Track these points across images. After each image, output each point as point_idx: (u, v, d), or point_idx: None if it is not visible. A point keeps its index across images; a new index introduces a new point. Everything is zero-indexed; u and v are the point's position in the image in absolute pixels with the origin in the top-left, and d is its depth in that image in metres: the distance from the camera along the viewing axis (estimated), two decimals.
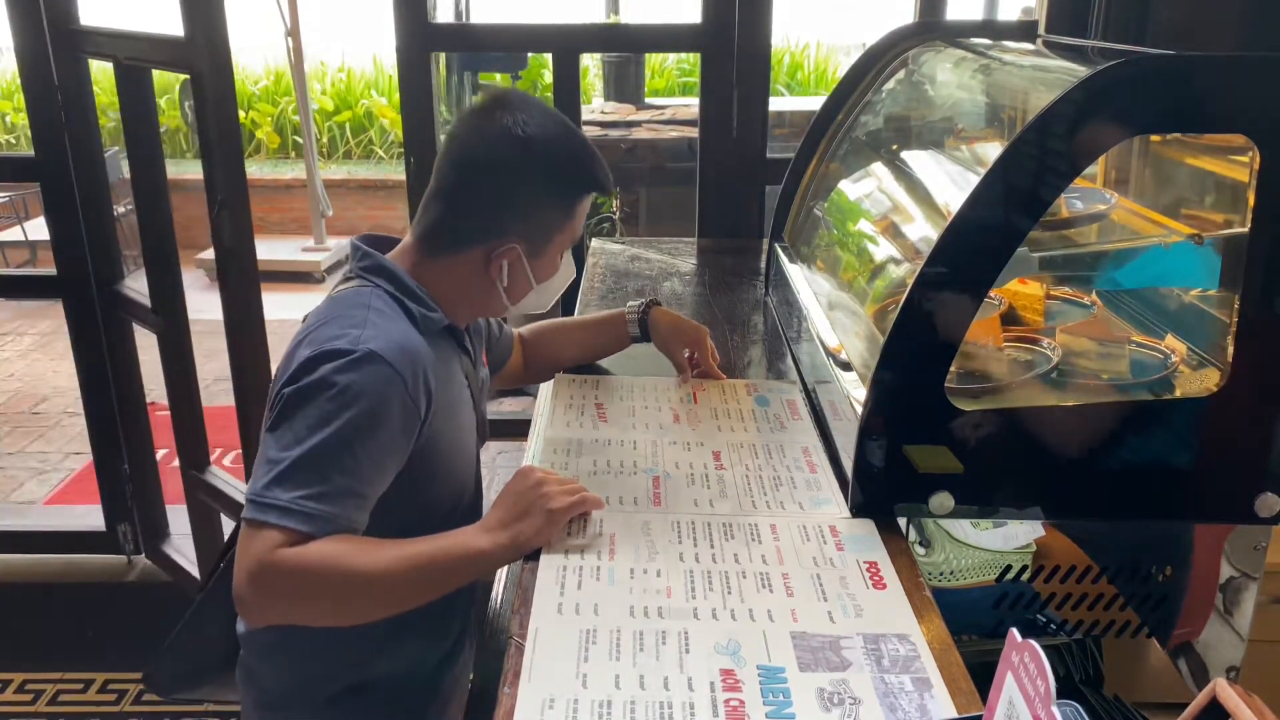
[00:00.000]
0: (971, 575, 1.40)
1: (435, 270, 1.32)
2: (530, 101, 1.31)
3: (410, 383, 1.19)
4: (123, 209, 4.28)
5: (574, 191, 1.32)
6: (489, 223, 1.29)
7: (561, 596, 1.11)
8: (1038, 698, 0.67)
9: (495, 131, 1.27)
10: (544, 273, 1.35)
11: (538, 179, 1.28)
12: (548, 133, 1.28)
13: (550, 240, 1.32)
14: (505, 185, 1.28)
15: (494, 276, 1.31)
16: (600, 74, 5.24)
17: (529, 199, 1.29)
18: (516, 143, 1.26)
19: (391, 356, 1.17)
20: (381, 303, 1.25)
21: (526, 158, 1.27)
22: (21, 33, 2.45)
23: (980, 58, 1.76)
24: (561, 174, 1.29)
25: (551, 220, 1.32)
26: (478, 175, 1.28)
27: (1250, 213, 1.15)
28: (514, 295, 1.35)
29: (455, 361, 1.36)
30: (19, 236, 6.31)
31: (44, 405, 4.75)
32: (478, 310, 1.40)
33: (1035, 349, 1.48)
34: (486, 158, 1.28)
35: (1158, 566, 1.39)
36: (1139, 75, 1.13)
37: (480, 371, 1.47)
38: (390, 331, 1.20)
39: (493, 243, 1.29)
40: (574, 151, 1.30)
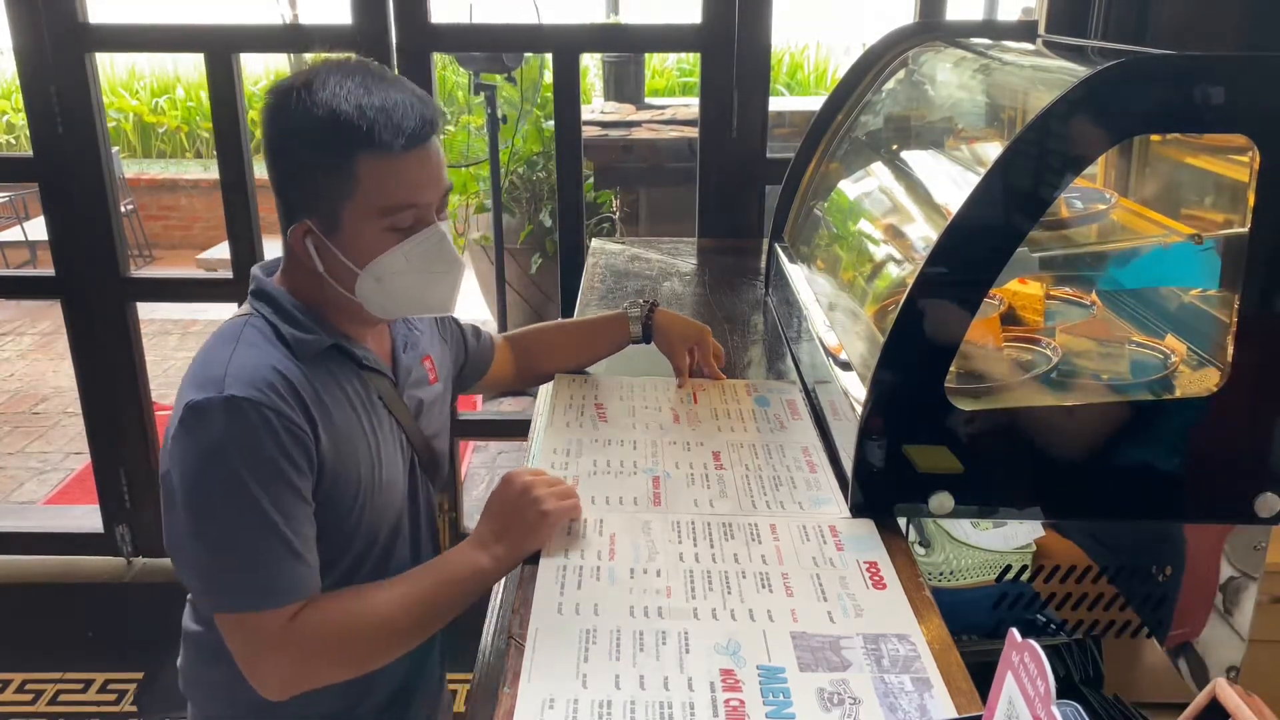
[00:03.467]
0: (971, 575, 1.40)
1: (299, 275, 1.25)
2: (330, 66, 1.19)
3: (284, 411, 1.12)
4: (125, 208, 4.27)
5: (338, 150, 1.15)
6: (283, 204, 1.22)
7: (561, 596, 1.11)
8: (1038, 698, 0.67)
9: (268, 108, 1.19)
10: (359, 251, 1.20)
11: (297, 141, 1.17)
12: (318, 94, 1.14)
13: (339, 212, 1.18)
14: (276, 157, 1.20)
15: (311, 265, 1.21)
16: (600, 74, 5.24)
17: (295, 166, 1.19)
18: (283, 111, 1.17)
19: (254, 393, 1.11)
20: (254, 333, 1.19)
21: (289, 123, 1.16)
22: (20, 31, 2.44)
23: (980, 58, 1.76)
24: (321, 131, 1.14)
25: (326, 188, 1.17)
26: (267, 155, 1.21)
27: (1250, 213, 1.15)
28: (341, 281, 1.22)
29: (353, 384, 1.25)
30: (19, 236, 6.31)
31: (44, 405, 4.75)
32: (349, 311, 1.26)
33: (1035, 349, 1.48)
34: (266, 132, 1.20)
35: (1158, 566, 1.39)
36: (1139, 75, 1.13)
37: (418, 390, 1.37)
38: (253, 364, 1.14)
39: (291, 222, 1.21)
40: (336, 106, 1.14)
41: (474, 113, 5.23)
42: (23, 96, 2.53)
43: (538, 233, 4.81)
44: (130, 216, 6.97)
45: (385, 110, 1.14)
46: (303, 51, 2.80)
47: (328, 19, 2.67)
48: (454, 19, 3.14)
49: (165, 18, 2.54)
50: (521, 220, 4.85)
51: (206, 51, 2.49)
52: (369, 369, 1.28)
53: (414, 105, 1.17)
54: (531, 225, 4.83)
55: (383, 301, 1.24)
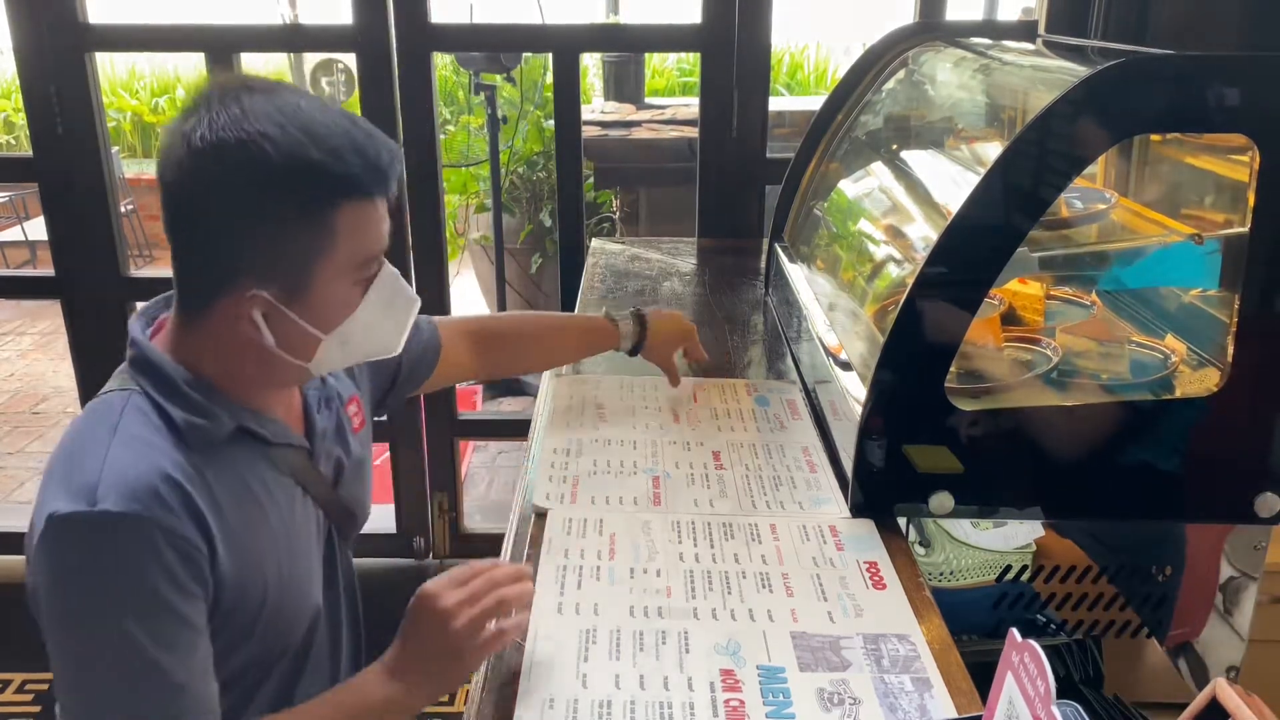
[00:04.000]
0: (971, 575, 1.40)
1: (199, 340, 1.03)
2: (244, 93, 0.96)
3: (171, 527, 0.93)
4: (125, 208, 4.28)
5: (314, 203, 0.96)
6: (215, 269, 0.99)
7: (561, 596, 1.11)
8: (1038, 698, 0.67)
9: (191, 143, 0.94)
10: (327, 314, 1.02)
11: (249, 200, 0.95)
12: (252, 133, 0.93)
13: (311, 273, 0.98)
14: (210, 216, 0.96)
15: (254, 338, 1.00)
16: (600, 74, 5.24)
17: (248, 228, 0.96)
18: (207, 155, 0.93)
19: (134, 506, 0.91)
20: (135, 420, 0.98)
21: (225, 174, 0.94)
22: (20, 31, 2.44)
23: (980, 58, 1.76)
24: (283, 186, 0.94)
25: (298, 248, 0.97)
26: (182, 204, 0.98)
27: (1250, 213, 1.15)
28: (298, 352, 1.03)
29: (258, 469, 1.06)
30: (19, 236, 6.31)
31: (44, 405, 4.75)
32: (276, 380, 1.08)
33: (1035, 349, 1.48)
34: (182, 181, 0.96)
35: (1158, 566, 1.39)
36: (1139, 75, 1.13)
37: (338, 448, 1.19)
38: (134, 466, 0.93)
39: (230, 292, 0.98)
40: (295, 150, 0.94)
41: (474, 113, 5.23)
42: (23, 96, 2.52)
43: (538, 233, 4.81)
44: (130, 216, 6.97)
45: (361, 150, 0.98)
46: (303, 51, 2.80)
47: (328, 19, 2.67)
48: (454, 19, 3.14)
49: (165, 18, 2.54)
50: (521, 220, 4.85)
51: (206, 51, 2.49)
52: (279, 445, 1.09)
53: (377, 139, 1.00)
54: (531, 225, 4.83)
55: (338, 360, 1.08)
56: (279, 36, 2.72)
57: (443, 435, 2.78)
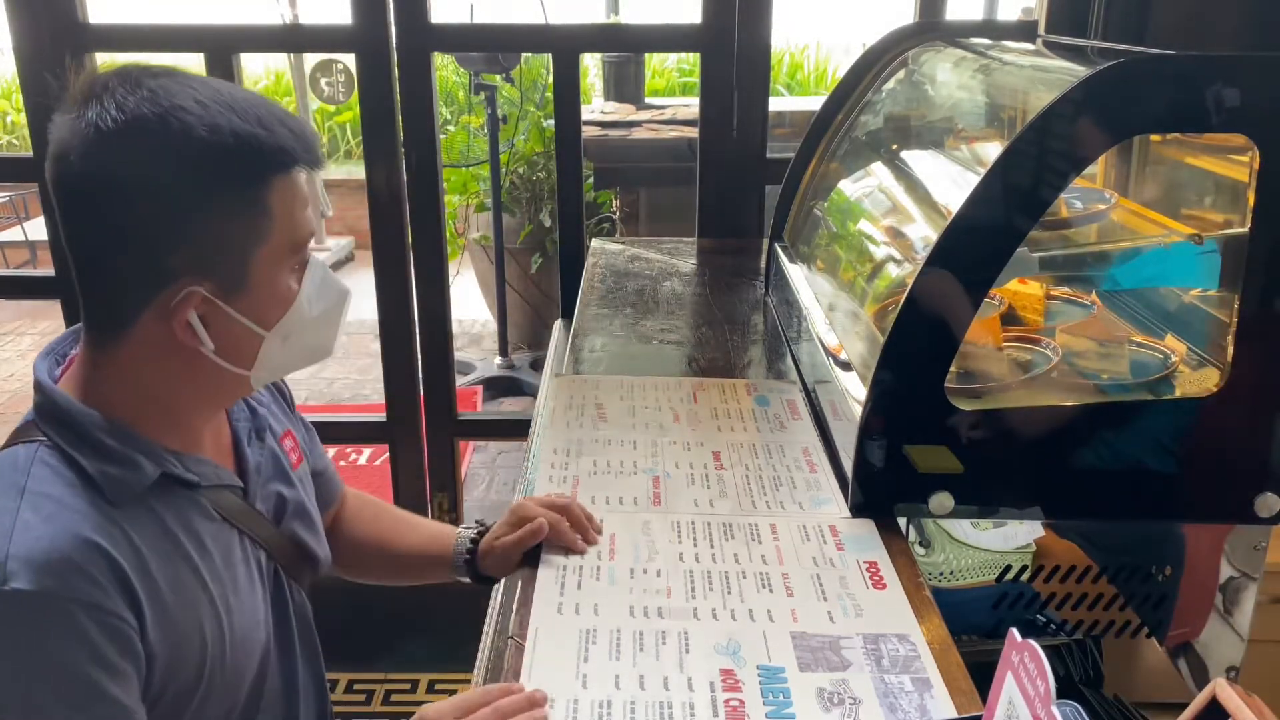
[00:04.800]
0: (971, 575, 1.40)
1: (117, 371, 0.93)
2: (146, 75, 0.88)
3: (95, 601, 0.84)
4: None
5: (246, 180, 0.89)
6: (139, 270, 0.89)
7: (561, 596, 1.11)
8: (1038, 698, 0.67)
9: (88, 133, 0.85)
10: (267, 308, 0.94)
11: (176, 179, 0.86)
12: (168, 107, 0.85)
13: (249, 260, 0.91)
14: (133, 206, 0.87)
15: (189, 342, 0.91)
16: (600, 74, 5.24)
17: (178, 213, 0.87)
18: (119, 138, 0.84)
19: (50, 582, 0.82)
20: (45, 474, 0.88)
21: (144, 154, 0.85)
22: (20, 31, 2.44)
23: (980, 58, 1.76)
24: (212, 160, 0.87)
25: (234, 231, 0.90)
26: (90, 205, 0.87)
27: (1250, 213, 1.15)
28: (239, 357, 0.95)
29: (187, 518, 0.97)
30: (19, 236, 6.31)
31: None
32: (210, 401, 1.00)
33: (1035, 349, 1.48)
34: (90, 174, 0.86)
35: (1158, 566, 1.39)
36: (1139, 75, 1.13)
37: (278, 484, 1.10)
38: (48, 535, 0.84)
39: (159, 295, 0.89)
40: (219, 122, 0.86)
41: (474, 113, 5.23)
42: (23, 96, 2.53)
43: (538, 233, 4.81)
44: None
45: (283, 121, 0.91)
46: (302, 52, 2.80)
47: (328, 19, 2.67)
48: (454, 19, 3.14)
49: (165, 18, 2.54)
50: (521, 220, 4.85)
51: (206, 51, 2.49)
52: (210, 487, 1.00)
53: (290, 114, 0.94)
54: (531, 225, 4.83)
55: (278, 364, 1.00)
56: (279, 37, 2.72)
57: (443, 435, 2.78)
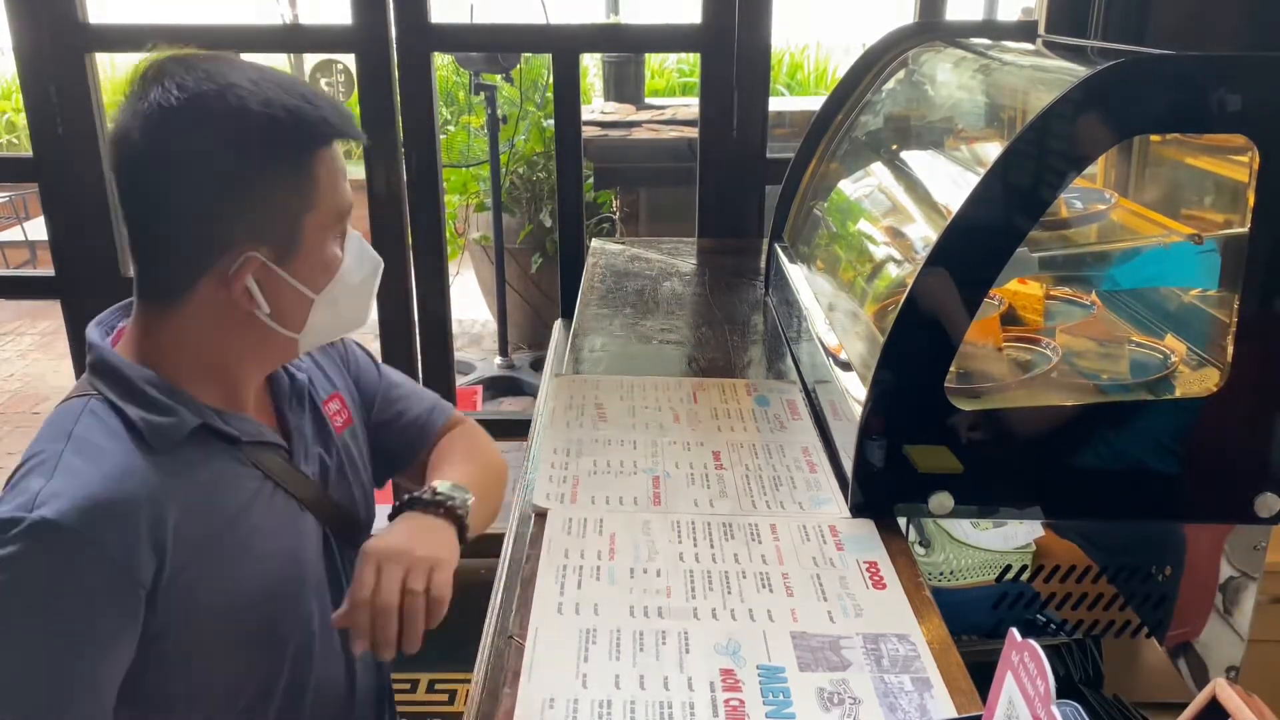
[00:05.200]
0: (971, 575, 1.40)
1: (171, 334, 0.99)
2: (198, 58, 0.96)
3: (114, 544, 0.89)
4: None
5: (296, 150, 0.96)
6: (200, 238, 0.96)
7: (561, 596, 1.11)
8: (1038, 698, 0.67)
9: (152, 113, 0.92)
10: (316, 273, 1.01)
11: (235, 151, 0.94)
12: (224, 84, 0.92)
13: (300, 228, 0.98)
14: (196, 178, 0.94)
15: (245, 306, 0.98)
16: (600, 74, 5.24)
17: (237, 183, 0.94)
18: (182, 114, 0.91)
19: (75, 519, 0.87)
20: (93, 423, 0.94)
21: (205, 128, 0.92)
22: (20, 31, 2.44)
23: (980, 58, 1.76)
24: (266, 132, 0.94)
25: (286, 199, 0.97)
26: (155, 180, 0.95)
27: (1250, 213, 1.15)
28: (290, 319, 1.01)
29: (232, 471, 1.02)
30: (19, 236, 6.31)
31: (44, 405, 4.75)
32: (259, 361, 1.06)
33: (1035, 349, 1.48)
34: (155, 151, 0.93)
35: (1158, 566, 1.39)
36: (1139, 75, 1.13)
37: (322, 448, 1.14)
38: (84, 474, 0.89)
39: (219, 261, 0.96)
40: (271, 96, 0.94)
41: (474, 113, 5.23)
42: (23, 96, 2.53)
43: (538, 233, 4.81)
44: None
45: (322, 97, 0.99)
46: (302, 52, 2.80)
47: (328, 19, 2.67)
48: (454, 19, 3.14)
49: (165, 18, 2.54)
50: (521, 220, 4.85)
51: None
52: (252, 443, 1.04)
53: (312, 89, 1.01)
54: (531, 225, 4.83)
55: (324, 329, 1.06)
56: (279, 37, 2.72)
57: None
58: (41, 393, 4.90)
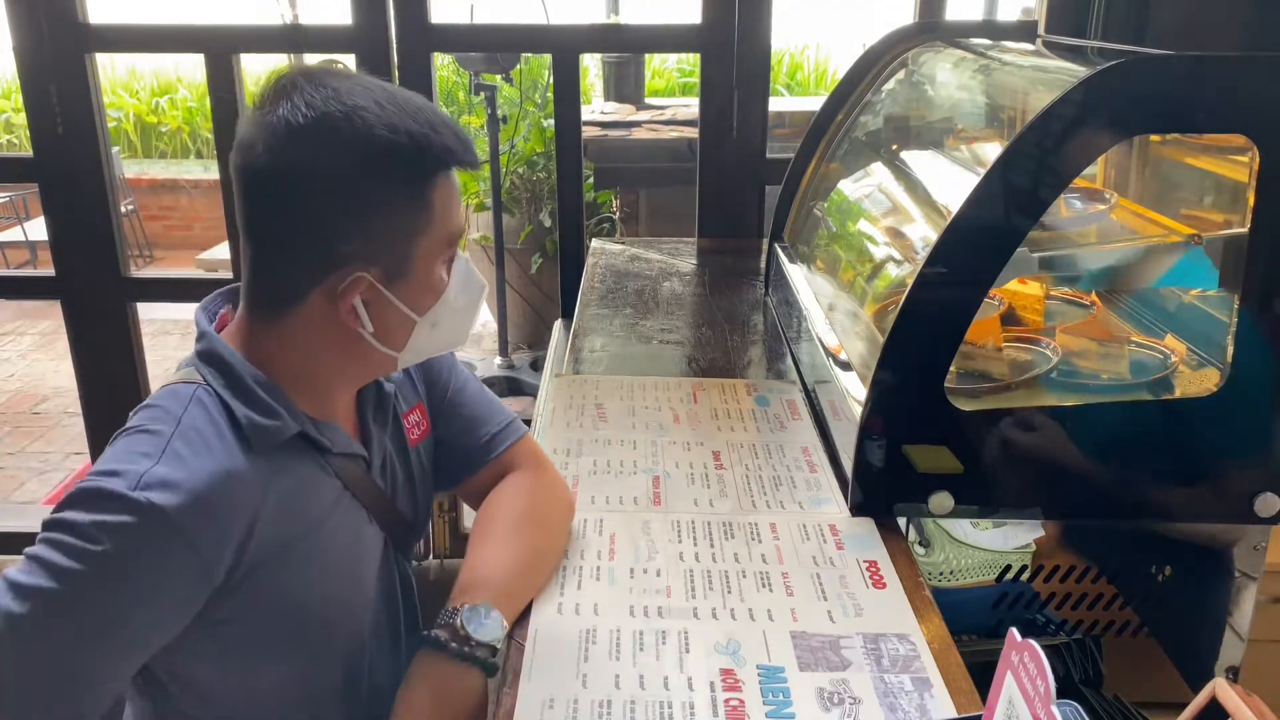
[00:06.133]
0: (971, 575, 1.40)
1: (276, 340, 1.01)
2: (328, 76, 0.96)
3: (206, 543, 0.90)
4: (125, 208, 4.27)
5: (416, 176, 0.97)
6: (313, 254, 0.96)
7: (561, 596, 1.11)
8: (1038, 697, 0.67)
9: (279, 127, 0.93)
10: (423, 296, 1.01)
11: (356, 173, 0.94)
12: (352, 106, 0.93)
13: (412, 251, 0.98)
14: (315, 196, 0.94)
15: (351, 324, 0.99)
16: (600, 74, 5.24)
17: (355, 204, 0.95)
18: (308, 132, 0.92)
19: (180, 512, 0.88)
20: (200, 413, 0.95)
21: (329, 148, 0.93)
22: (20, 31, 2.44)
23: (980, 58, 1.76)
24: (388, 157, 0.94)
25: (401, 223, 0.97)
26: (274, 193, 0.95)
27: (1250, 213, 1.15)
28: (392, 339, 1.02)
29: (316, 479, 1.03)
30: (19, 236, 6.31)
31: (44, 405, 4.75)
32: (357, 376, 1.08)
33: (1035, 349, 1.48)
34: (277, 166, 0.94)
35: (1157, 566, 1.39)
36: (1139, 75, 1.13)
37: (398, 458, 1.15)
38: (186, 466, 0.90)
39: (330, 278, 0.96)
40: (395, 122, 0.94)
41: (474, 113, 5.23)
42: (23, 96, 2.52)
43: (538, 233, 4.81)
44: (130, 216, 6.97)
45: (447, 123, 0.99)
46: (303, 52, 2.81)
47: (328, 19, 2.67)
48: (454, 19, 3.14)
49: (165, 18, 2.54)
50: (521, 220, 4.85)
51: (206, 52, 2.48)
52: (339, 454, 1.06)
53: (450, 118, 1.01)
54: (531, 225, 4.83)
55: (426, 349, 1.07)
56: (279, 37, 2.72)
57: None
58: (41, 393, 4.90)
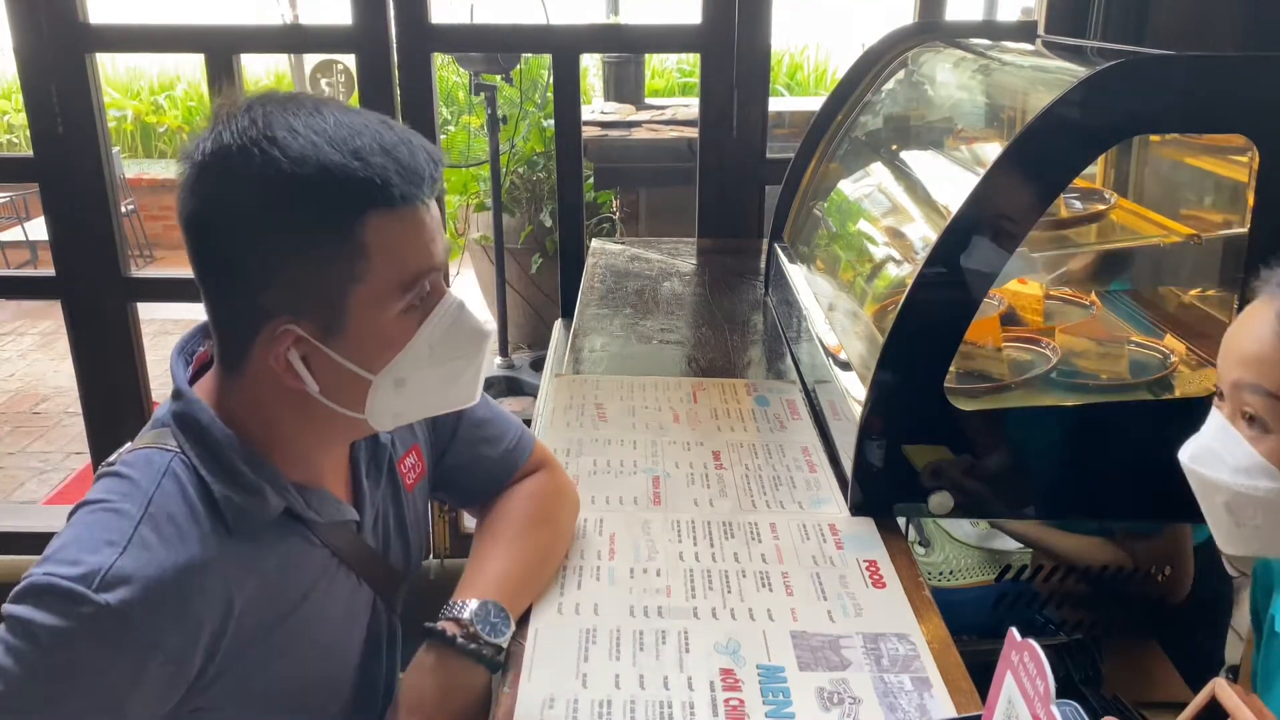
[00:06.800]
0: (971, 575, 1.40)
1: (239, 399, 0.92)
2: (271, 102, 0.86)
3: (174, 644, 0.83)
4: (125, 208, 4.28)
5: (337, 214, 0.84)
6: (238, 304, 0.88)
7: (561, 596, 1.11)
8: (1037, 697, 0.67)
9: (199, 161, 0.85)
10: (372, 351, 0.89)
11: (263, 212, 0.84)
12: (264, 136, 0.83)
13: (345, 302, 0.87)
14: (223, 239, 0.86)
15: (291, 382, 0.89)
16: (600, 74, 5.25)
17: (265, 248, 0.85)
18: (212, 169, 0.84)
19: (141, 613, 0.80)
20: (174, 490, 0.87)
21: (232, 186, 0.84)
22: (20, 31, 2.44)
23: (980, 58, 1.76)
24: (300, 193, 0.83)
25: (327, 269, 0.85)
26: (192, 237, 0.87)
27: (1250, 213, 1.15)
28: (346, 399, 0.90)
29: (298, 553, 0.95)
30: (19, 236, 6.31)
31: (44, 405, 4.75)
32: (332, 438, 0.97)
33: (1035, 349, 1.48)
34: (191, 206, 0.86)
35: (1158, 566, 1.39)
36: (1139, 76, 1.13)
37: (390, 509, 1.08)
38: (159, 563, 0.82)
39: (260, 332, 0.87)
40: (308, 153, 0.83)
41: (474, 113, 5.23)
42: (23, 96, 2.52)
43: (538, 233, 4.81)
44: (131, 216, 6.97)
45: (389, 151, 0.86)
46: (303, 52, 2.81)
47: (328, 19, 2.67)
48: (454, 19, 3.14)
49: (165, 18, 2.54)
50: (521, 220, 4.85)
51: (206, 52, 2.48)
52: (328, 524, 0.98)
53: (413, 142, 0.89)
54: (531, 225, 4.82)
55: (398, 410, 0.94)
56: (279, 37, 2.72)
57: None
58: (41, 393, 4.90)
